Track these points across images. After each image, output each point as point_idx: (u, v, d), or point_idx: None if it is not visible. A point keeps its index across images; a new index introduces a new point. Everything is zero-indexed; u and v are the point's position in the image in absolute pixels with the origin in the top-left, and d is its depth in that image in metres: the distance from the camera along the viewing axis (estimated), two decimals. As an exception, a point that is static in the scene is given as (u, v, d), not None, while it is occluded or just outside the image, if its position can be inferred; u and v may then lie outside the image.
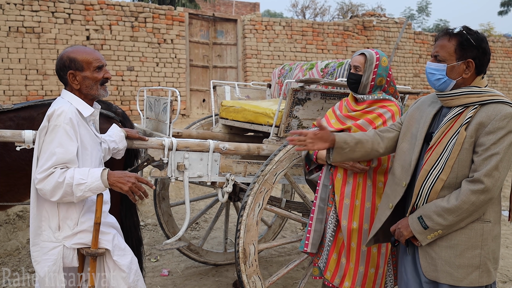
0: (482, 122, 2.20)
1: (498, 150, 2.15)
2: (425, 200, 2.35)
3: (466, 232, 2.26)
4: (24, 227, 5.57)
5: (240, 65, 11.49)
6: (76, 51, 2.62)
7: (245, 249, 3.17)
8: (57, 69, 2.63)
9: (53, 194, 2.43)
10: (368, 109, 3.05)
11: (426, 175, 2.34)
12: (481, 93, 2.27)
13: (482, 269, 2.25)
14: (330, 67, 3.99)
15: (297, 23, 11.99)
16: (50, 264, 2.50)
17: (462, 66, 2.30)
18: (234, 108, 4.18)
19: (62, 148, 2.44)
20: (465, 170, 2.26)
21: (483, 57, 2.30)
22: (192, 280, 4.66)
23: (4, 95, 9.08)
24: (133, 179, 2.54)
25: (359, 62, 3.05)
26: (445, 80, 2.33)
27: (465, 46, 2.28)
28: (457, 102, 2.32)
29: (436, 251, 2.32)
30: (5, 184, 3.29)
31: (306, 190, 6.08)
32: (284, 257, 5.41)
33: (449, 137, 2.28)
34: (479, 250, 2.24)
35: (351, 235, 2.97)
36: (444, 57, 2.32)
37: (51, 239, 2.51)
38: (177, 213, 6.47)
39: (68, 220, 2.54)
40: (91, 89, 2.63)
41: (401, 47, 12.92)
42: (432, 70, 2.36)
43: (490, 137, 2.17)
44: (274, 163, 3.25)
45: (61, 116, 2.45)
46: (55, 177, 2.41)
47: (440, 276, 2.29)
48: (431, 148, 2.36)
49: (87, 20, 9.73)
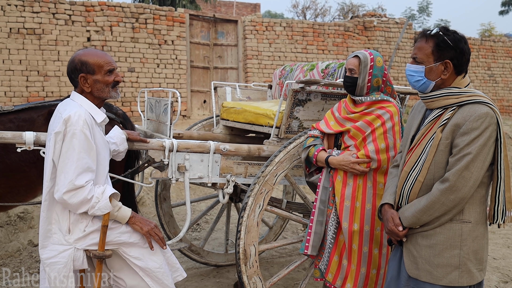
0: (458, 124, 2.23)
1: (471, 150, 2.17)
2: (406, 201, 2.41)
3: (444, 233, 2.29)
4: (25, 228, 5.57)
5: (241, 66, 11.49)
6: (87, 54, 2.62)
7: (245, 250, 3.17)
8: (68, 72, 2.63)
9: (77, 208, 2.46)
10: (366, 111, 3.05)
11: (406, 176, 2.40)
12: (460, 94, 2.29)
13: (462, 269, 2.26)
14: (331, 67, 3.99)
15: (298, 24, 11.99)
16: (61, 267, 2.49)
17: (440, 67, 2.32)
18: (235, 109, 4.17)
19: (85, 154, 2.45)
20: (441, 171, 2.29)
21: (461, 57, 2.32)
22: (193, 281, 4.66)
23: (5, 96, 9.09)
24: (153, 225, 2.67)
25: (353, 64, 3.05)
26: (424, 82, 2.36)
27: (441, 48, 2.30)
28: (437, 104, 2.35)
29: (418, 249, 2.35)
30: (5, 185, 3.29)
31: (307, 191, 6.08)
32: (285, 258, 5.41)
33: (428, 139, 2.33)
34: (458, 251, 2.26)
35: (352, 237, 2.97)
36: (422, 59, 2.35)
37: (61, 242, 2.51)
38: (178, 214, 6.46)
39: (79, 223, 2.55)
40: (103, 92, 2.64)
41: (402, 47, 12.91)
42: (411, 72, 2.39)
43: (464, 138, 2.19)
44: (275, 164, 3.25)
45: (80, 121, 2.45)
46: (84, 193, 2.43)
47: (421, 274, 2.32)
48: (411, 150, 2.41)
49: (88, 21, 9.74)
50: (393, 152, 2.99)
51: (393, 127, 3.00)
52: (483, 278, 2.35)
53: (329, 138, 3.19)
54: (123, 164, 3.57)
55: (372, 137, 2.98)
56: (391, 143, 2.99)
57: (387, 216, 2.48)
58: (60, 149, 2.45)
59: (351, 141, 3.04)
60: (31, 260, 5.04)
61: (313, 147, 3.13)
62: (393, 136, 3.00)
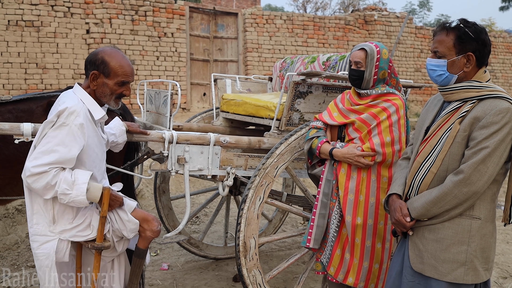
0: (477, 117, 2.18)
1: (488, 144, 2.13)
2: (416, 191, 2.36)
3: (453, 227, 2.24)
4: (23, 221, 5.55)
5: (241, 59, 11.45)
6: (112, 56, 2.59)
7: (245, 242, 3.15)
8: (87, 61, 2.61)
9: (44, 193, 2.41)
10: (372, 103, 3.01)
11: (419, 167, 2.35)
12: (481, 88, 2.25)
13: (468, 266, 2.22)
14: (332, 60, 3.96)
15: (298, 17, 11.94)
16: (43, 258, 2.47)
17: (462, 60, 2.27)
18: (235, 101, 4.14)
19: (64, 148, 2.40)
20: (456, 164, 2.24)
21: (483, 49, 2.27)
22: (192, 274, 4.64)
23: (3, 88, 9.04)
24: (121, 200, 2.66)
25: (359, 57, 3.00)
26: (447, 76, 2.31)
27: (463, 40, 2.25)
28: (456, 96, 2.30)
29: (424, 243, 2.31)
30: (4, 177, 3.27)
31: (307, 184, 6.06)
32: (284, 252, 5.39)
33: (444, 130, 2.28)
34: (465, 247, 2.22)
35: (355, 231, 2.94)
36: (444, 53, 2.29)
37: (44, 232, 2.48)
38: (177, 207, 6.45)
39: (65, 214, 2.51)
40: (105, 96, 2.62)
41: (403, 41, 12.88)
42: (433, 66, 2.34)
43: (483, 132, 2.15)
44: (275, 156, 3.22)
45: (72, 116, 2.42)
46: (47, 178, 2.37)
47: (426, 268, 2.29)
48: (425, 140, 2.36)
49: (87, 14, 9.68)
50: (398, 145, 2.95)
51: (399, 120, 2.97)
52: (489, 278, 2.30)
53: (332, 129, 3.15)
54: (122, 156, 3.55)
55: (378, 130, 2.94)
56: (396, 137, 2.95)
57: (394, 205, 2.42)
58: (44, 136, 2.42)
59: (355, 134, 3.01)
60: (29, 253, 5.01)
61: (316, 138, 3.09)
62: (399, 130, 2.96)
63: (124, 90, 2.64)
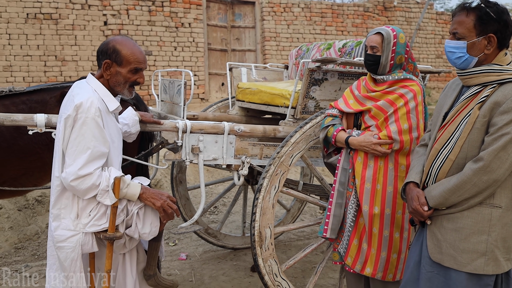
0: (498, 102, 2.08)
1: (510, 130, 2.04)
2: (434, 180, 2.28)
3: (473, 216, 2.16)
4: (43, 212, 5.61)
5: (258, 48, 11.37)
6: (124, 44, 2.58)
7: (261, 232, 3.11)
8: (99, 51, 2.60)
9: (85, 194, 2.46)
10: (388, 90, 2.92)
11: (436, 154, 2.27)
12: (501, 72, 2.15)
13: (489, 256, 2.13)
14: (348, 46, 3.88)
15: (316, 5, 11.78)
16: (69, 251, 2.48)
17: (483, 41, 2.18)
18: (250, 90, 4.10)
19: (96, 141, 2.42)
20: (475, 151, 2.15)
21: (505, 30, 2.17)
22: (210, 264, 4.64)
23: (23, 81, 9.13)
24: (165, 198, 2.62)
25: (375, 42, 2.91)
26: (466, 58, 2.21)
27: (484, 21, 2.15)
28: (475, 81, 2.21)
29: (442, 233, 2.23)
30: (19, 167, 3.28)
31: (325, 173, 6.00)
32: (303, 241, 5.36)
33: (463, 116, 2.19)
34: (485, 236, 2.13)
35: (372, 220, 2.88)
36: (463, 34, 2.19)
37: (69, 227, 2.49)
38: (196, 197, 6.45)
39: (87, 208, 2.53)
40: (118, 85, 2.60)
41: (423, 28, 12.63)
42: (452, 48, 2.24)
43: (504, 117, 2.06)
44: (290, 144, 3.17)
45: (92, 108, 2.42)
46: (92, 179, 2.42)
47: (444, 258, 2.21)
48: (443, 126, 2.27)
49: (104, 5, 9.69)
50: (416, 133, 2.86)
51: (416, 107, 2.88)
52: (511, 268, 2.22)
53: (348, 117, 3.08)
54: (136, 146, 3.53)
55: (395, 117, 2.86)
56: (414, 124, 2.86)
57: (412, 194, 2.35)
58: (69, 136, 2.42)
59: (372, 121, 2.93)
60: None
61: (332, 126, 3.02)
62: (416, 117, 2.87)
63: (137, 78, 2.62)
